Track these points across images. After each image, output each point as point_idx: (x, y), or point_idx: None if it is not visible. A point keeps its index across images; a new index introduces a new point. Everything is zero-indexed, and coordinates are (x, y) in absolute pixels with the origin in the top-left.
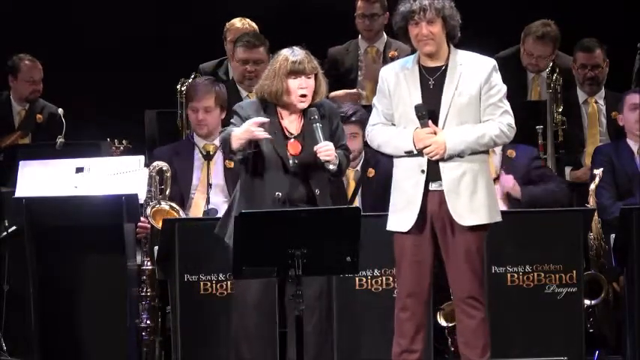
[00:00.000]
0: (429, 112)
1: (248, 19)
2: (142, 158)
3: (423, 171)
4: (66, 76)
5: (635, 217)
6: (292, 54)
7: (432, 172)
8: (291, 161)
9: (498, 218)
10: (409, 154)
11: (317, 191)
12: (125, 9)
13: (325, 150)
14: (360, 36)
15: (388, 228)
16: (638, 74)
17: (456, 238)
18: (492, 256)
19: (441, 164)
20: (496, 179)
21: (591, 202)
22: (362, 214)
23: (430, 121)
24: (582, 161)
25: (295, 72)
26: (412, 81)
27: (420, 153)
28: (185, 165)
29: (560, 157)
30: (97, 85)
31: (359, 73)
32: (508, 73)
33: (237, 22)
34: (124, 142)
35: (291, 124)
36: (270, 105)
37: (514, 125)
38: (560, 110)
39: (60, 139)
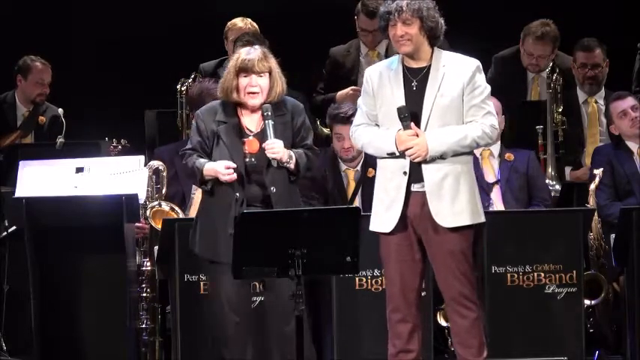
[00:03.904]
0: (411, 113)
1: (249, 19)
2: (141, 158)
3: (405, 173)
4: (66, 75)
5: (635, 217)
6: (247, 52)
7: (415, 174)
8: (247, 159)
9: (481, 219)
10: (391, 155)
11: (272, 189)
12: (125, 9)
13: (271, 147)
14: (361, 43)
15: (371, 229)
16: (638, 74)
17: (439, 239)
18: (492, 256)
19: (423, 166)
20: (495, 183)
21: (591, 202)
22: (362, 214)
23: (412, 123)
24: (582, 161)
25: (244, 70)
26: (396, 82)
27: (402, 155)
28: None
29: (560, 157)
30: (97, 85)
31: (359, 74)
32: (508, 73)
33: (239, 22)
34: (122, 141)
35: (252, 122)
36: (230, 104)
37: (497, 126)
38: (560, 110)
39: (60, 139)
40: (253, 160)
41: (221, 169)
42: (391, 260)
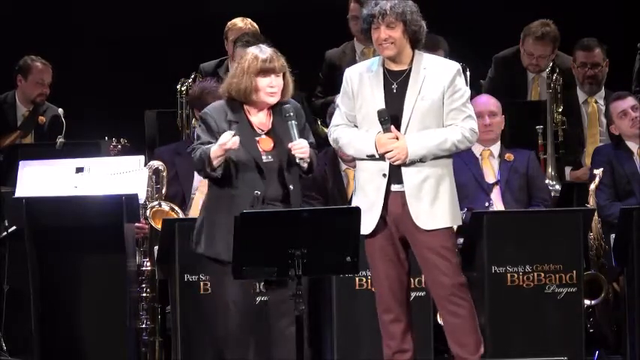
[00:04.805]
0: (391, 116)
1: (249, 19)
2: (141, 158)
3: (384, 175)
4: (66, 75)
5: (635, 217)
6: (261, 52)
7: (394, 175)
8: (264, 157)
9: (458, 222)
10: (371, 157)
11: (291, 187)
12: (125, 9)
13: (300, 147)
14: (355, 38)
15: None
16: (638, 74)
17: (423, 239)
18: (492, 256)
19: (403, 169)
20: (495, 184)
21: (591, 202)
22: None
23: (392, 126)
24: (582, 161)
25: (265, 70)
26: (376, 84)
27: (381, 157)
28: (186, 165)
29: (560, 157)
30: (97, 85)
31: None
32: (508, 73)
33: (239, 22)
34: (122, 140)
35: (261, 121)
36: (236, 104)
37: (477, 130)
38: (560, 110)
39: (60, 139)
40: (270, 157)
41: (223, 138)
42: (376, 261)
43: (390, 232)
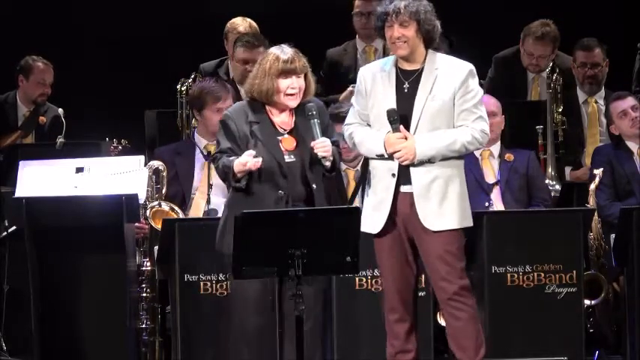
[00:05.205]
0: (401, 116)
1: (249, 19)
2: (142, 158)
3: (393, 175)
4: (66, 75)
5: (635, 217)
6: (282, 53)
7: (404, 176)
8: (286, 157)
9: (468, 223)
10: (380, 157)
11: (314, 186)
12: (125, 9)
13: (322, 146)
14: (357, 36)
15: (361, 229)
16: (638, 74)
17: (429, 240)
18: (492, 256)
19: (411, 169)
20: (495, 184)
21: (591, 202)
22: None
23: (402, 126)
24: (582, 161)
25: (286, 72)
26: (388, 84)
27: (390, 157)
28: (186, 165)
29: (560, 157)
30: (97, 85)
31: (357, 72)
32: (508, 73)
33: (239, 22)
34: (122, 141)
35: (283, 120)
36: (258, 104)
37: (488, 131)
38: (560, 110)
39: (60, 139)
40: (292, 157)
41: (244, 158)
42: (384, 261)
43: (399, 232)
